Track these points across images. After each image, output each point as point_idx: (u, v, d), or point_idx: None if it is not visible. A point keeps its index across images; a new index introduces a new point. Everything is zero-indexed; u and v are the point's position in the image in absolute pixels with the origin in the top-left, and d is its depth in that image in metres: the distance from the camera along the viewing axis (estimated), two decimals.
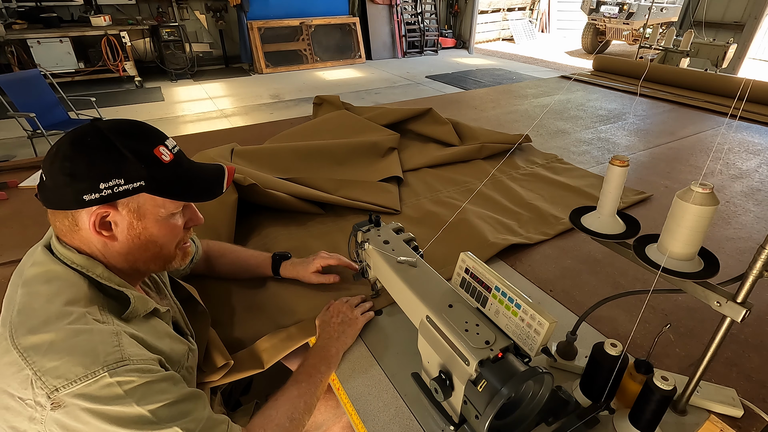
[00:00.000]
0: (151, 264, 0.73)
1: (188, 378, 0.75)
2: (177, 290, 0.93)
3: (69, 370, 0.54)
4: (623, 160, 0.75)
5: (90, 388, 0.55)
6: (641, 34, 6.48)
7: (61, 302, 0.60)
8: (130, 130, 0.66)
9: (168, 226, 0.71)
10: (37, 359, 0.55)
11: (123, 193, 0.64)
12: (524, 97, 2.90)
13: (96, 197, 0.62)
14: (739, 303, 0.63)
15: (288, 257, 1.11)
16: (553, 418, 0.70)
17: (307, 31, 7.97)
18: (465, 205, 1.45)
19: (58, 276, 0.64)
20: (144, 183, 0.65)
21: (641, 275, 1.18)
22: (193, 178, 0.71)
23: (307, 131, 2.05)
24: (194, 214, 0.77)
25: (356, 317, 0.96)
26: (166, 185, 0.67)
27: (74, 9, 6.56)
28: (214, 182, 0.74)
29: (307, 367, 0.86)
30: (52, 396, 0.54)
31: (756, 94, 2.66)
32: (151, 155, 0.66)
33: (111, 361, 0.56)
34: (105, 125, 0.65)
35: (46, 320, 0.58)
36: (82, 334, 0.58)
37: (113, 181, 0.62)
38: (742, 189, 1.71)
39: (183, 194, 0.70)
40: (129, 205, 0.66)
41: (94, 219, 0.64)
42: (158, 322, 0.73)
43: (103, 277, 0.67)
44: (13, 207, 1.47)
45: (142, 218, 0.67)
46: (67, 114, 3.91)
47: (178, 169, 0.69)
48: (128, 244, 0.68)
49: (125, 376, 0.56)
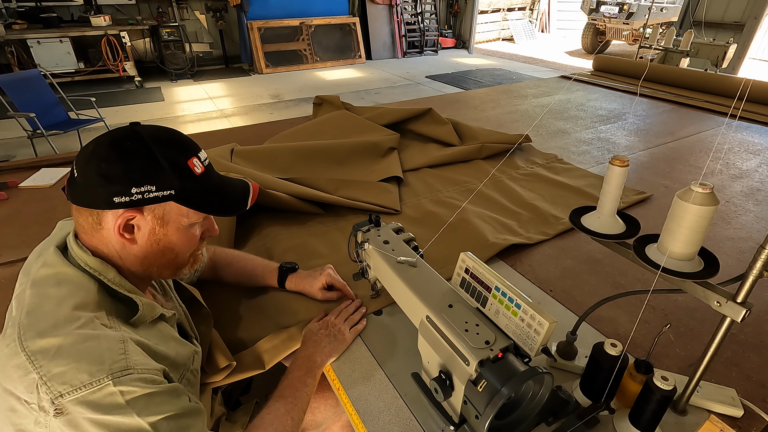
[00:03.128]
0: (164, 270, 0.74)
1: (193, 381, 0.75)
2: (180, 291, 0.93)
3: (74, 376, 0.55)
4: (623, 160, 0.75)
5: (93, 396, 0.55)
6: (641, 34, 6.48)
7: (70, 306, 0.61)
8: (168, 138, 0.68)
9: (187, 235, 0.72)
10: (44, 363, 0.55)
11: (152, 200, 0.65)
12: (524, 97, 2.90)
13: (126, 200, 0.63)
14: (739, 303, 0.63)
15: (295, 269, 1.09)
16: (553, 418, 0.71)
17: (307, 31, 7.97)
18: (465, 205, 1.45)
19: (69, 279, 0.64)
20: (174, 192, 0.66)
21: (641, 275, 1.18)
22: (219, 193, 0.73)
23: (307, 131, 2.05)
24: (212, 226, 0.78)
25: (345, 334, 0.94)
26: (195, 197, 0.69)
27: (74, 9, 6.56)
28: (240, 199, 0.77)
29: (293, 380, 0.84)
30: (56, 402, 0.54)
31: (756, 94, 2.66)
32: (184, 166, 0.67)
33: (116, 369, 0.57)
34: (145, 131, 0.66)
35: (55, 324, 0.58)
36: (90, 340, 0.58)
37: (145, 187, 0.64)
38: (742, 189, 1.71)
39: (208, 207, 0.72)
40: (155, 212, 0.67)
41: (120, 222, 0.65)
42: (164, 326, 0.73)
43: (114, 282, 0.67)
44: (13, 207, 1.47)
45: (165, 225, 0.68)
46: (67, 114, 3.92)
47: (207, 182, 0.70)
48: (146, 249, 0.69)
49: (129, 385, 0.57)
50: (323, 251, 1.27)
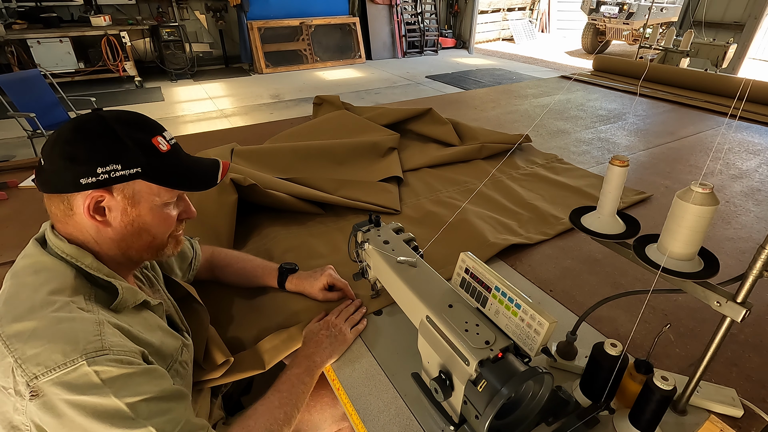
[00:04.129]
0: (144, 253, 0.74)
1: (183, 373, 0.75)
2: (175, 289, 0.93)
3: (49, 357, 0.55)
4: (623, 160, 0.75)
5: (68, 376, 0.55)
6: (641, 34, 6.48)
7: (46, 291, 0.61)
8: (130, 119, 0.68)
9: (161, 215, 0.72)
10: (19, 346, 0.55)
11: (119, 179, 0.65)
12: (524, 97, 2.90)
13: (92, 181, 0.63)
14: (739, 303, 0.63)
15: (295, 270, 1.08)
16: (553, 418, 0.71)
17: (307, 31, 7.96)
18: (465, 205, 1.45)
19: (46, 267, 0.65)
20: (141, 170, 0.66)
21: (641, 275, 1.18)
22: (188, 169, 0.73)
23: (307, 131, 2.05)
24: (188, 207, 0.78)
25: (346, 334, 0.94)
26: (163, 174, 0.68)
27: (74, 9, 6.56)
28: (209, 174, 0.76)
29: (290, 376, 0.84)
30: (32, 384, 0.54)
31: (756, 94, 2.66)
32: (149, 144, 0.67)
33: (91, 349, 0.56)
34: (107, 114, 0.67)
35: (31, 308, 0.59)
36: (65, 322, 0.58)
37: (111, 166, 0.64)
38: (742, 189, 1.71)
39: (178, 183, 0.71)
40: (124, 191, 0.66)
41: (89, 202, 0.64)
42: (150, 315, 0.73)
43: (92, 267, 0.67)
44: (13, 207, 1.47)
45: (136, 205, 0.68)
46: (67, 114, 3.91)
47: (174, 160, 0.70)
48: (121, 231, 0.69)
49: (104, 365, 0.56)
50: (323, 251, 1.27)
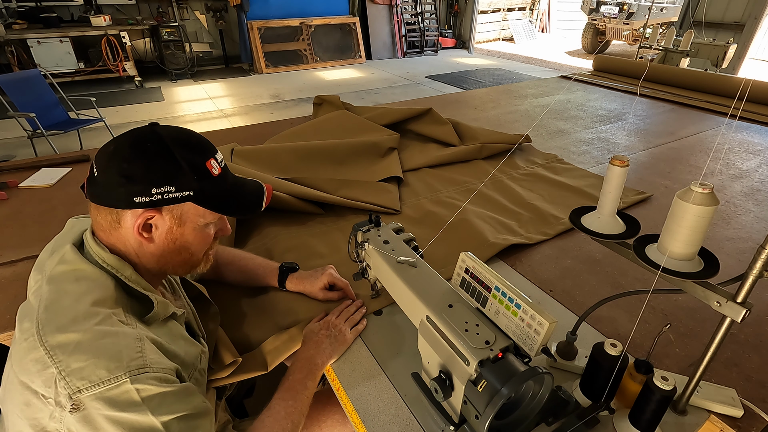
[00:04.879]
0: (179, 268, 0.76)
1: (200, 380, 0.76)
2: (187, 289, 0.94)
3: (93, 372, 0.55)
4: (623, 160, 0.75)
5: (111, 392, 0.55)
6: (641, 34, 6.48)
7: (88, 302, 0.62)
8: (187, 140, 0.69)
9: (202, 235, 0.73)
10: (63, 358, 0.56)
11: (171, 200, 0.66)
12: (524, 97, 2.90)
13: (146, 200, 0.64)
14: (739, 303, 0.63)
15: (295, 269, 1.08)
16: (553, 418, 0.71)
17: (307, 31, 7.97)
18: (465, 205, 1.45)
19: (87, 275, 0.65)
20: (193, 193, 0.67)
21: (641, 275, 1.18)
22: (236, 194, 0.75)
23: (307, 131, 2.05)
24: (225, 225, 0.79)
25: (346, 334, 0.94)
26: (212, 198, 0.70)
27: (74, 9, 6.56)
28: (255, 200, 0.78)
29: (293, 383, 0.84)
30: (74, 397, 0.54)
31: (756, 94, 2.66)
32: (203, 167, 0.69)
33: (133, 366, 0.57)
34: (165, 132, 0.67)
35: (74, 319, 0.59)
36: (108, 337, 0.59)
37: (165, 188, 0.65)
38: (742, 189, 1.71)
39: (225, 208, 0.73)
40: (173, 212, 0.68)
41: (140, 221, 0.66)
42: (174, 325, 0.74)
43: (131, 279, 0.68)
44: (13, 207, 1.47)
45: (182, 225, 0.70)
46: (67, 114, 3.92)
47: (223, 184, 0.72)
48: (163, 248, 0.70)
49: (145, 383, 0.57)
50: (323, 251, 1.27)
